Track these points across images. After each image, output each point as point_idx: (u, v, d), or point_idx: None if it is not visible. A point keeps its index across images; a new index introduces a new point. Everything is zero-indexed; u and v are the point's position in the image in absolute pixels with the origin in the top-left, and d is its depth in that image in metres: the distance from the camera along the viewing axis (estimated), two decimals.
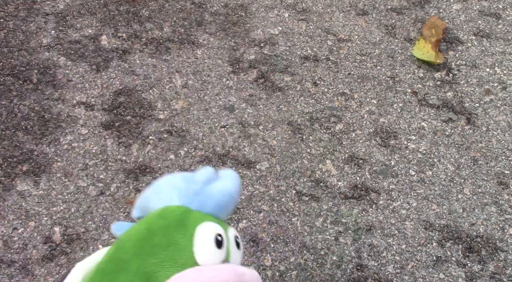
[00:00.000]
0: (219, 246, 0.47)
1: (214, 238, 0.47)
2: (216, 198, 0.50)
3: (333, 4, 1.24)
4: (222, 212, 0.52)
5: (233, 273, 0.46)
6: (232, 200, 0.52)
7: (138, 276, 0.44)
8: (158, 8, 1.18)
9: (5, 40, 1.08)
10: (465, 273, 0.85)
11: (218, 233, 0.48)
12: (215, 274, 0.44)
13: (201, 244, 0.46)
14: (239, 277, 0.46)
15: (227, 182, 0.53)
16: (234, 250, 0.50)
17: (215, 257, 0.47)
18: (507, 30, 1.21)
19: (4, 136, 0.94)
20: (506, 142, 1.02)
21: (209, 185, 0.51)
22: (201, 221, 0.48)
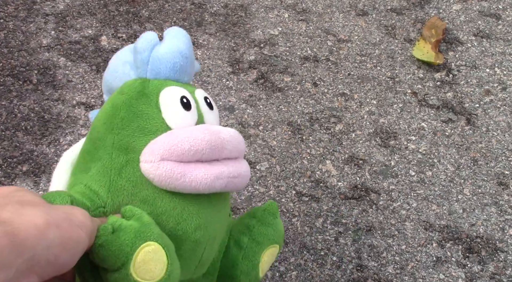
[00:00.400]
0: (186, 107, 0.46)
1: (179, 100, 0.46)
2: (167, 60, 0.47)
3: (333, 4, 1.24)
4: (182, 75, 0.49)
5: (207, 131, 0.44)
6: (186, 60, 0.48)
7: (116, 148, 0.44)
8: (158, 8, 1.18)
9: (5, 40, 1.08)
10: (465, 274, 0.85)
11: (182, 95, 0.46)
12: (188, 134, 0.43)
13: (167, 109, 0.45)
14: (214, 134, 0.45)
15: (174, 41, 0.48)
16: (207, 111, 0.49)
17: (186, 119, 0.46)
18: (507, 31, 1.21)
19: (4, 137, 0.94)
20: (506, 142, 1.02)
21: (155, 49, 0.47)
22: (161, 87, 0.46)
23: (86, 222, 0.37)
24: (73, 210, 0.37)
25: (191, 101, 0.46)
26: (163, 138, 0.43)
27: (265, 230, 0.51)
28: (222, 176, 0.44)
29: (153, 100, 0.45)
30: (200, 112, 0.47)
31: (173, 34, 0.49)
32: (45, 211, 0.33)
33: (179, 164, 0.42)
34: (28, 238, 0.30)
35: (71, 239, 0.34)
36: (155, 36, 0.48)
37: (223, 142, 0.45)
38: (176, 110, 0.45)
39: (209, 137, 0.44)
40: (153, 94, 0.45)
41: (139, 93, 0.45)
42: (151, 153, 0.42)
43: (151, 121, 0.44)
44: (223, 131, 0.46)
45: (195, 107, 0.47)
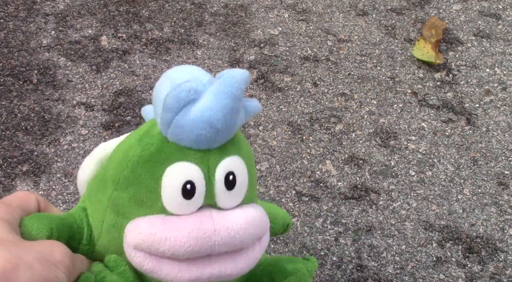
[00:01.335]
0: (187, 196, 0.38)
1: (181, 186, 0.38)
2: (190, 130, 0.37)
3: (333, 4, 1.24)
4: (208, 145, 0.39)
5: (195, 234, 0.37)
6: (216, 131, 0.37)
7: (111, 205, 0.40)
8: (158, 8, 1.18)
9: (5, 40, 1.08)
10: (465, 274, 0.85)
11: (187, 180, 0.38)
12: (170, 234, 0.37)
13: (166, 191, 0.38)
14: (202, 239, 0.37)
15: (210, 103, 0.36)
16: (222, 192, 0.39)
17: (183, 207, 0.38)
18: (507, 31, 1.21)
19: (4, 137, 0.94)
20: (506, 142, 1.02)
21: (182, 111, 0.37)
22: (172, 159, 0.38)
23: (65, 261, 0.34)
24: (52, 248, 0.34)
25: (198, 187, 0.38)
26: (144, 227, 0.38)
27: None
28: (202, 278, 0.38)
29: (159, 172, 0.38)
30: (211, 194, 0.39)
31: (218, 89, 0.36)
32: (14, 252, 0.31)
33: (151, 257, 0.38)
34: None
35: (46, 281, 0.31)
36: (190, 93, 0.37)
37: (213, 245, 0.37)
38: (174, 197, 0.38)
39: (192, 243, 0.37)
40: (162, 164, 0.39)
41: (150, 156, 0.39)
42: (130, 237, 0.38)
43: (149, 195, 0.39)
44: (221, 231, 0.38)
45: (202, 193, 0.39)
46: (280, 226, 0.52)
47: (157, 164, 0.39)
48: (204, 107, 0.36)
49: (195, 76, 0.39)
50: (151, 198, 0.39)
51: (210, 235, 0.37)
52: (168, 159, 0.38)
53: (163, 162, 0.38)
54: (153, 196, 0.39)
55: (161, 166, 0.38)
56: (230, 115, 0.37)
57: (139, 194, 0.39)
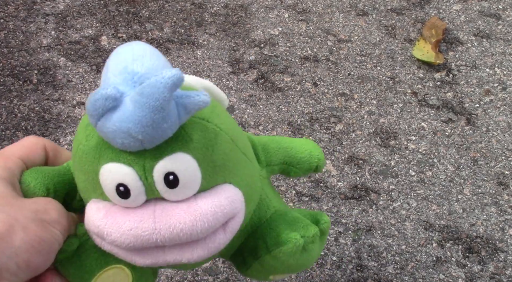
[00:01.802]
0: (123, 196, 0.37)
1: (114, 188, 0.36)
2: (113, 139, 0.35)
3: (333, 4, 1.24)
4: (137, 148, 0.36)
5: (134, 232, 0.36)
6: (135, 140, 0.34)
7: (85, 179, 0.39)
8: (158, 8, 1.18)
9: (5, 40, 1.08)
10: (465, 274, 0.85)
11: (119, 183, 0.36)
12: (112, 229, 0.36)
13: (104, 189, 0.37)
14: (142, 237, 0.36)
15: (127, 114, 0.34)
16: (165, 191, 0.37)
17: (125, 204, 0.37)
18: (507, 31, 1.21)
19: (4, 137, 0.94)
20: (506, 142, 1.02)
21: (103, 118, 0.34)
22: (106, 159, 0.36)
23: (61, 220, 0.34)
24: (47, 206, 0.34)
25: (133, 190, 0.36)
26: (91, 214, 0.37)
27: (275, 264, 0.43)
28: (157, 264, 0.38)
29: (97, 167, 0.37)
30: (153, 192, 0.37)
31: (136, 100, 0.33)
32: (9, 213, 0.30)
33: (106, 242, 0.37)
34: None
35: (42, 241, 0.31)
36: (107, 101, 0.33)
37: (156, 242, 0.36)
38: (112, 196, 0.37)
39: (132, 240, 0.36)
40: (98, 161, 0.37)
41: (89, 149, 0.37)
42: (88, 223, 0.37)
43: (94, 183, 0.38)
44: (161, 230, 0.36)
45: (140, 192, 0.37)
46: (304, 170, 0.49)
47: (95, 159, 0.37)
48: (122, 119, 0.34)
49: (130, 69, 0.37)
50: (98, 186, 0.37)
51: (150, 234, 0.36)
52: (102, 157, 0.37)
53: (100, 159, 0.37)
54: (98, 185, 0.37)
55: (98, 162, 0.37)
56: (151, 127, 0.34)
57: (89, 180, 0.38)
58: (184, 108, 0.35)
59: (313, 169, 0.49)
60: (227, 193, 0.38)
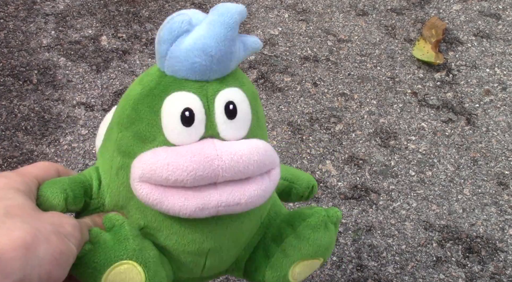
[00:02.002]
0: (186, 123, 0.38)
1: (179, 114, 0.38)
2: (185, 59, 0.38)
3: (333, 4, 1.24)
4: (205, 75, 0.39)
5: (197, 158, 0.36)
6: (210, 59, 0.38)
7: (116, 147, 0.41)
8: (158, 8, 1.19)
9: (5, 40, 1.08)
10: (465, 274, 0.85)
11: (186, 107, 0.38)
12: (170, 159, 0.37)
13: (166, 121, 0.39)
14: (204, 162, 0.37)
15: (203, 32, 0.38)
16: (223, 121, 0.39)
17: (184, 136, 0.38)
18: (507, 31, 1.21)
19: (4, 137, 0.94)
20: (506, 142, 1.02)
21: (176, 42, 0.38)
22: (170, 90, 0.39)
23: (75, 234, 0.34)
24: (62, 220, 0.34)
25: (197, 114, 0.39)
26: (147, 158, 0.38)
27: (298, 244, 0.43)
28: (208, 207, 0.38)
29: (158, 104, 0.39)
30: (212, 124, 0.39)
31: (211, 19, 0.39)
32: (33, 225, 0.31)
33: (157, 188, 0.38)
34: (15, 258, 0.28)
35: (62, 253, 0.32)
36: (183, 24, 0.38)
37: (216, 170, 0.37)
38: (174, 126, 0.39)
39: (195, 167, 0.36)
40: (160, 97, 0.40)
41: (150, 91, 0.40)
42: (134, 171, 0.38)
43: (151, 129, 0.39)
44: (223, 155, 0.37)
45: (202, 121, 0.39)
46: (304, 187, 0.50)
47: (156, 97, 0.39)
48: (197, 36, 0.38)
49: (193, 13, 0.41)
50: (153, 132, 0.39)
51: (213, 159, 0.37)
52: (166, 91, 0.39)
53: (162, 94, 0.39)
54: (154, 129, 0.39)
55: (160, 98, 0.39)
56: (224, 43, 0.38)
57: (141, 130, 0.39)
58: (243, 45, 0.40)
59: (310, 188, 0.51)
60: (267, 144, 0.41)
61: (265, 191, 0.39)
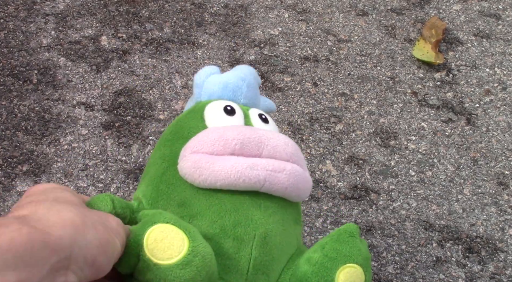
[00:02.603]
0: (229, 113, 0.45)
1: (222, 108, 0.45)
2: (219, 82, 0.47)
3: (333, 4, 1.24)
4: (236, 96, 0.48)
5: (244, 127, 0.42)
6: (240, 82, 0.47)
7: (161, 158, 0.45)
8: (158, 8, 1.19)
9: (5, 40, 1.08)
10: (465, 274, 0.85)
11: (227, 104, 0.45)
12: (222, 128, 0.42)
13: (210, 116, 0.45)
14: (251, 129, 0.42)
15: (228, 73, 0.49)
16: (259, 124, 0.46)
17: (228, 122, 0.44)
18: (507, 31, 1.21)
19: (4, 137, 0.94)
20: (506, 142, 1.02)
21: (209, 77, 0.48)
22: (209, 102, 0.46)
23: (119, 230, 0.36)
24: (108, 216, 0.36)
25: (237, 110, 0.45)
26: (197, 136, 0.43)
27: (339, 246, 0.44)
28: (257, 167, 0.40)
29: (199, 113, 0.45)
30: (249, 123, 0.46)
31: (239, 68, 0.49)
32: (82, 211, 0.33)
33: (209, 155, 0.41)
34: (64, 236, 0.30)
35: (108, 243, 0.33)
36: (212, 69, 0.48)
37: (261, 137, 0.42)
38: (218, 116, 0.44)
39: (243, 130, 0.41)
40: (200, 109, 0.46)
41: (189, 112, 0.46)
42: (185, 149, 0.42)
43: (193, 129, 0.44)
44: (264, 130, 0.43)
45: (241, 116, 0.45)
46: None
47: (197, 111, 0.45)
48: (227, 73, 0.48)
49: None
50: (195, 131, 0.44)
51: (256, 130, 0.42)
52: (205, 104, 0.46)
53: (201, 108, 0.46)
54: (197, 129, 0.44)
55: (200, 110, 0.45)
56: (251, 77, 0.49)
57: (184, 134, 0.45)
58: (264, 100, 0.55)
59: None
60: None
61: (300, 175, 0.43)
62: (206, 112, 0.45)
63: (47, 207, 0.31)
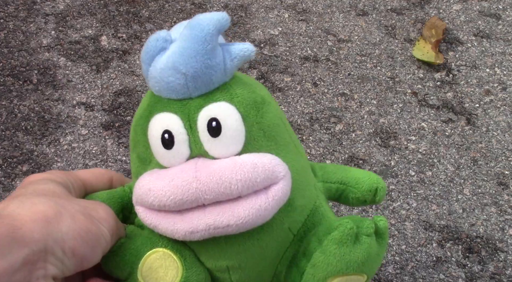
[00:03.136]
0: (167, 146, 0.37)
1: (160, 137, 0.37)
2: (161, 78, 0.37)
3: (333, 4, 1.24)
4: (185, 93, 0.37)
5: (175, 182, 0.35)
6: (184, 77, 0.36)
7: (132, 169, 0.42)
8: (158, 8, 1.19)
9: (5, 40, 1.08)
10: (465, 274, 0.85)
11: (165, 129, 0.37)
12: (152, 185, 0.36)
13: (151, 143, 0.38)
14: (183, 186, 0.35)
15: (175, 49, 0.36)
16: (207, 140, 0.37)
17: (168, 159, 0.38)
18: (507, 31, 1.21)
19: (4, 137, 0.94)
20: (506, 142, 1.02)
21: (154, 61, 0.37)
22: (154, 112, 0.38)
23: (108, 219, 0.35)
24: (96, 206, 0.35)
25: (177, 136, 0.37)
26: (138, 182, 0.38)
27: (326, 259, 0.40)
28: (198, 230, 0.36)
29: (146, 126, 0.39)
30: (197, 143, 0.38)
31: (184, 34, 0.36)
32: (59, 203, 0.32)
33: (151, 212, 0.37)
34: (35, 229, 0.30)
35: (89, 232, 0.32)
36: (158, 42, 0.37)
37: (196, 193, 0.35)
38: (157, 149, 0.38)
39: (173, 191, 0.35)
40: (147, 119, 0.39)
41: (142, 112, 0.40)
42: (133, 194, 0.38)
43: (146, 151, 0.39)
44: (201, 177, 0.35)
45: (183, 142, 0.37)
46: (364, 190, 0.46)
47: (145, 119, 0.39)
48: (169, 54, 0.36)
49: (177, 27, 0.40)
50: (148, 155, 0.39)
51: (190, 182, 0.35)
52: (152, 112, 0.39)
53: (149, 116, 0.39)
54: (149, 152, 0.39)
55: (147, 121, 0.39)
56: (195, 59, 0.36)
57: (140, 152, 0.40)
58: (229, 54, 0.37)
59: (373, 192, 0.46)
60: (271, 157, 0.37)
61: (260, 210, 0.36)
62: (149, 134, 0.39)
63: (21, 200, 0.31)
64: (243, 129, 0.38)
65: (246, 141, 0.38)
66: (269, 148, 0.39)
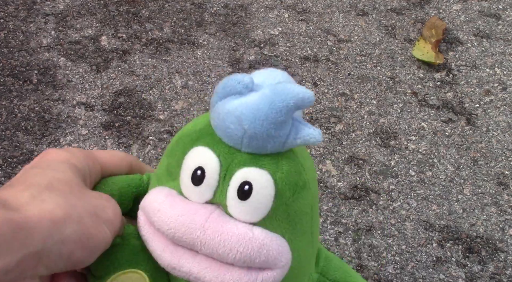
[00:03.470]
0: (196, 182, 0.37)
1: (192, 169, 0.37)
2: (223, 120, 0.36)
3: (333, 4, 1.24)
4: (237, 143, 0.37)
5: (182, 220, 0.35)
6: (242, 130, 0.35)
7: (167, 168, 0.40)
8: (158, 8, 1.19)
9: (5, 40, 1.08)
10: (465, 274, 0.85)
11: (199, 165, 0.37)
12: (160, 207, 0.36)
13: (182, 170, 0.38)
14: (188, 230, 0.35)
15: (249, 102, 0.35)
16: (233, 198, 0.36)
17: (191, 192, 0.37)
18: (507, 31, 1.21)
19: (4, 137, 0.94)
20: (506, 142, 1.02)
21: (226, 99, 0.36)
22: (201, 142, 0.38)
23: (114, 221, 0.34)
24: (105, 204, 0.34)
25: (209, 178, 0.37)
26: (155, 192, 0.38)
27: None
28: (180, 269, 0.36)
29: (188, 149, 0.38)
30: (222, 194, 0.37)
31: (265, 93, 0.35)
32: (70, 202, 0.31)
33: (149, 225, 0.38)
34: (38, 230, 0.28)
35: (91, 238, 0.32)
36: (239, 84, 0.36)
37: (195, 240, 0.35)
38: (185, 178, 0.37)
39: (176, 226, 0.35)
40: (192, 143, 0.38)
41: (192, 132, 0.39)
42: (144, 199, 0.39)
43: (176, 169, 0.39)
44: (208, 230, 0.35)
45: (211, 186, 0.37)
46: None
47: (191, 140, 0.38)
48: (242, 103, 0.35)
49: (276, 76, 0.39)
50: (176, 172, 0.38)
51: (196, 229, 0.35)
52: (199, 140, 0.38)
53: (196, 141, 0.38)
54: (177, 170, 0.38)
55: (192, 144, 0.38)
56: (262, 123, 0.35)
57: (171, 164, 0.39)
58: (296, 132, 0.36)
59: None
60: (281, 243, 0.37)
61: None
62: (184, 161, 0.38)
63: (33, 194, 0.30)
64: (270, 206, 0.37)
65: (267, 216, 0.37)
66: (285, 230, 0.38)
